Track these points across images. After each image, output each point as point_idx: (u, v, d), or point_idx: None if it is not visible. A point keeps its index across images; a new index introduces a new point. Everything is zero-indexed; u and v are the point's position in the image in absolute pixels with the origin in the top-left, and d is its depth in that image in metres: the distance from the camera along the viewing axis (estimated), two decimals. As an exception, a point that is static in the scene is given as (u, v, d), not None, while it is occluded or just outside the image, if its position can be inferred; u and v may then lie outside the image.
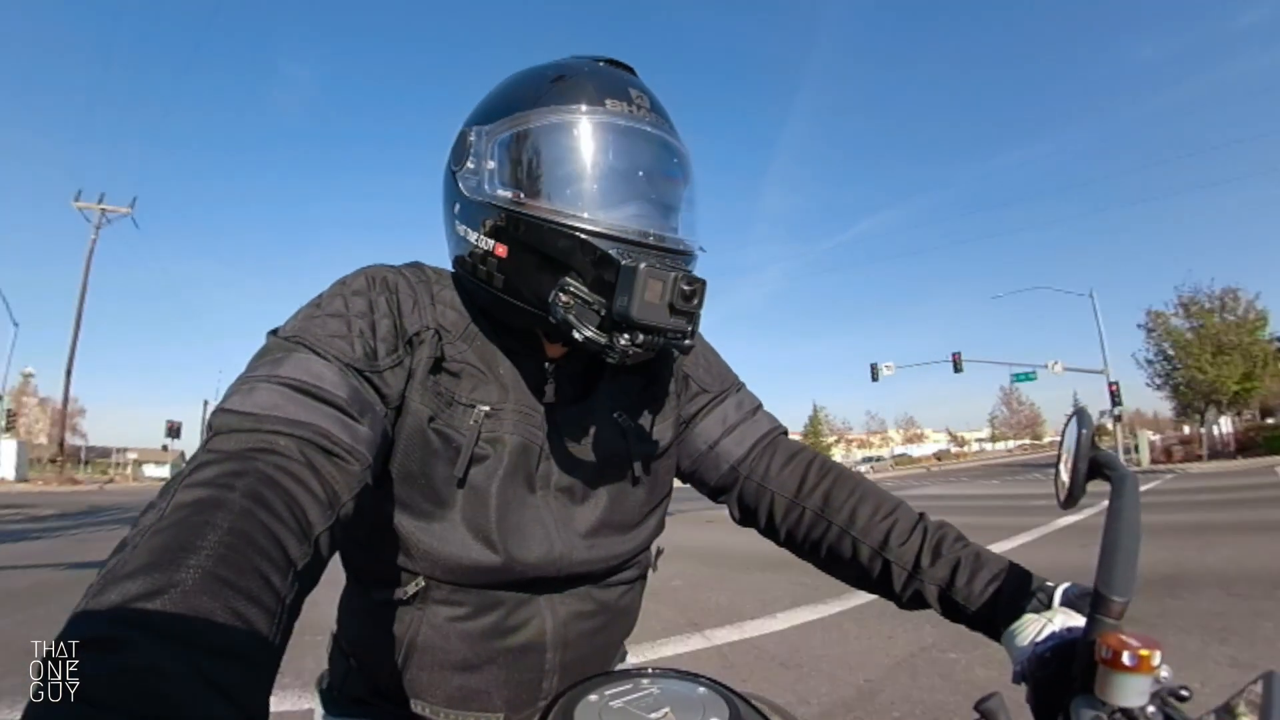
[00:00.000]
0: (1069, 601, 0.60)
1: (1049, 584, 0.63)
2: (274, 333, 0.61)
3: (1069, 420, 0.59)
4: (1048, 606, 0.61)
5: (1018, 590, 0.64)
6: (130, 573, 0.38)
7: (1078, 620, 0.56)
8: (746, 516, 0.84)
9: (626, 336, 0.59)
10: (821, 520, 0.77)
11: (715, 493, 0.85)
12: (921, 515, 0.74)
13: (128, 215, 30.70)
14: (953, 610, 0.69)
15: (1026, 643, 0.57)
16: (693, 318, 0.61)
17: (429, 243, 0.76)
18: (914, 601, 0.72)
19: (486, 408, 0.66)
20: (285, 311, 0.65)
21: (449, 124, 0.72)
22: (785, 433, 0.86)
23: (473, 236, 0.66)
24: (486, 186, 0.65)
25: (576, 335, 0.60)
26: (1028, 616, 0.60)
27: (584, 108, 0.64)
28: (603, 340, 0.60)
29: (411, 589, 0.66)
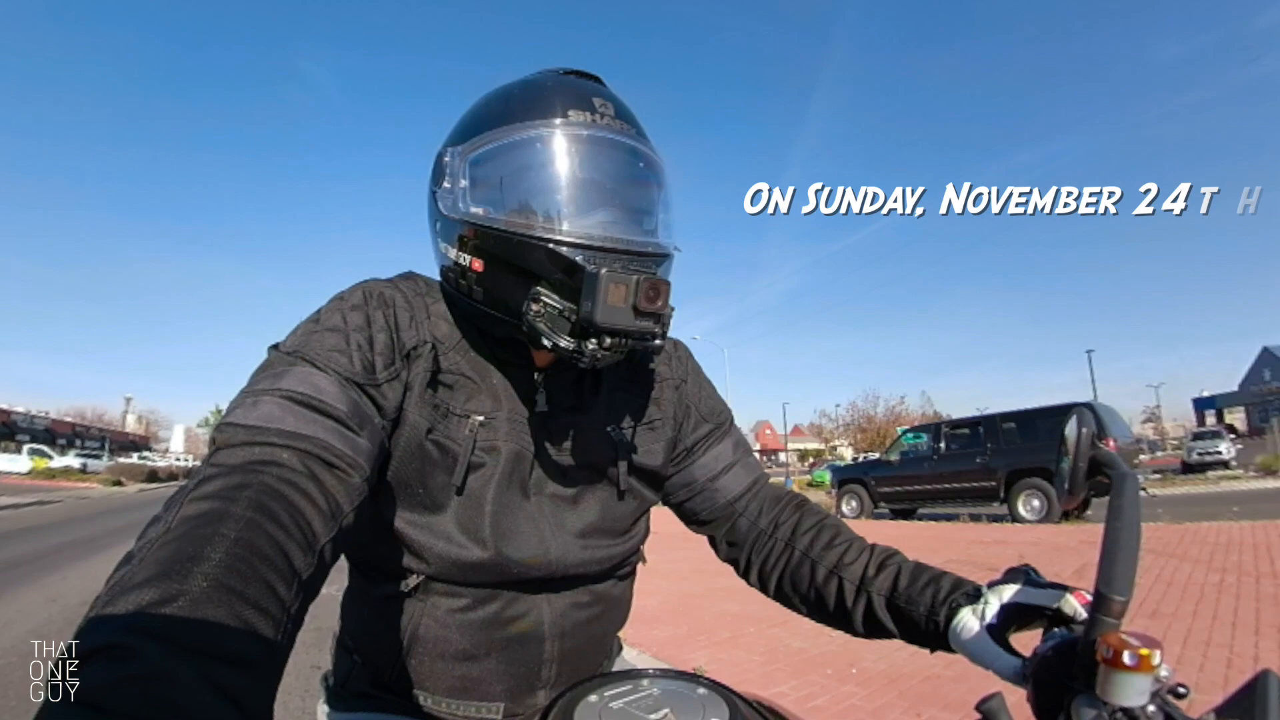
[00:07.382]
0: (993, 586, 0.63)
1: (978, 584, 0.66)
2: (275, 347, 0.63)
3: (1069, 418, 0.59)
4: (976, 600, 0.63)
5: (953, 586, 0.67)
6: (139, 583, 0.38)
7: (1006, 597, 0.61)
8: (732, 551, 0.87)
9: (594, 341, 0.60)
10: (789, 549, 0.81)
11: (703, 524, 0.87)
12: (874, 546, 0.78)
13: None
14: (899, 616, 0.71)
15: (975, 631, 0.61)
16: (660, 319, 0.62)
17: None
18: (868, 621, 0.74)
19: (481, 417, 0.68)
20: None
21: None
22: (767, 477, 0.91)
23: (452, 253, 0.68)
24: (460, 204, 0.67)
25: (545, 343, 0.61)
26: (964, 611, 0.63)
27: (546, 121, 0.65)
28: (571, 346, 0.61)
29: (413, 581, 0.68)
